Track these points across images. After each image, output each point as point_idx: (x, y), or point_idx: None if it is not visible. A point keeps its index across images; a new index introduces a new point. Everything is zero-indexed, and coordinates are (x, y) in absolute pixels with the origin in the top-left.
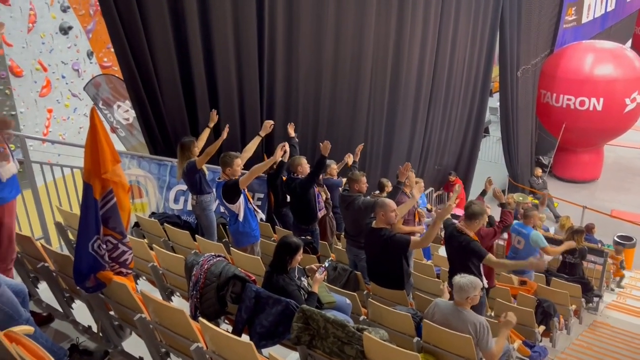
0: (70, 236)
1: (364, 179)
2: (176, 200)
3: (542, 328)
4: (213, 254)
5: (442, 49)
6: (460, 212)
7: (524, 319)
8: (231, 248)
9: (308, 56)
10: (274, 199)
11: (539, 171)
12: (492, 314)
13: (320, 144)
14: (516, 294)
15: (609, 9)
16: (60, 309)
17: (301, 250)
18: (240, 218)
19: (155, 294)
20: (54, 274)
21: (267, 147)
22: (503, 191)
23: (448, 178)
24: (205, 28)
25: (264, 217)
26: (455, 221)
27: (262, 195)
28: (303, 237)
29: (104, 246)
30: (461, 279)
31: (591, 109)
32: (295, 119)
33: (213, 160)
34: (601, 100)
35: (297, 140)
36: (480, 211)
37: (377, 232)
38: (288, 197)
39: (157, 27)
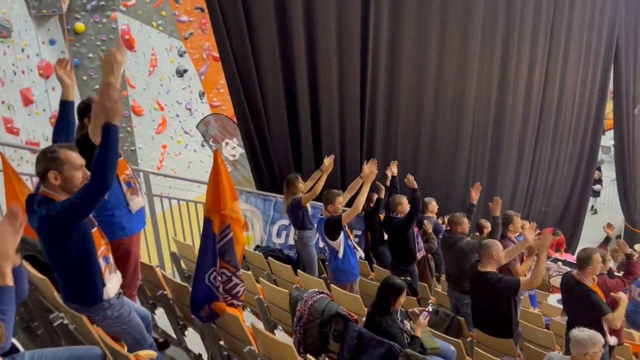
0: (183, 265)
1: (466, 220)
2: (279, 235)
3: None
4: (317, 290)
5: (549, 87)
6: (570, 257)
7: None
8: (331, 285)
9: (408, 96)
10: (371, 237)
11: None
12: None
13: (405, 180)
14: (638, 352)
15: None
16: (174, 336)
17: (405, 292)
18: (340, 255)
19: (259, 326)
20: (171, 301)
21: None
22: (619, 237)
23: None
24: (311, 70)
25: (362, 254)
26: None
27: (359, 232)
28: (403, 278)
29: (220, 278)
30: (580, 332)
31: None
32: (394, 157)
33: (315, 197)
34: None
35: (398, 179)
36: (585, 256)
37: (484, 276)
38: (386, 235)
39: (267, 69)
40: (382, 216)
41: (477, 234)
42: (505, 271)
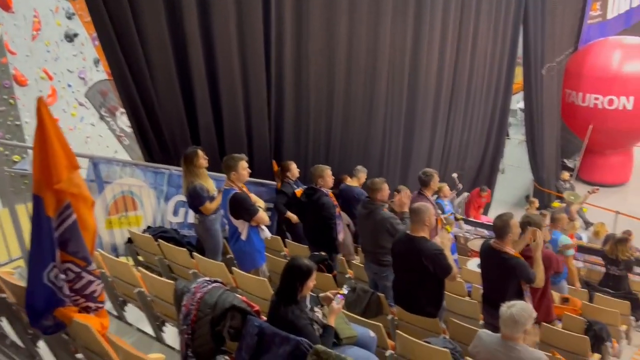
0: None
1: (386, 187)
2: (175, 213)
3: (597, 357)
4: (208, 279)
5: (462, 48)
6: (486, 219)
7: (575, 346)
8: (233, 269)
9: (319, 55)
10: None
11: (566, 175)
12: (538, 340)
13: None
14: (561, 315)
15: (633, 5)
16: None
17: (314, 275)
18: (243, 237)
19: (145, 324)
20: (14, 307)
21: (277, 152)
22: (527, 197)
23: (479, 192)
24: (206, 24)
25: (269, 235)
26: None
27: (270, 205)
28: (316, 253)
29: (63, 276)
30: (511, 309)
31: (621, 108)
32: (307, 122)
33: (216, 166)
34: (631, 98)
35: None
36: (502, 224)
37: (414, 242)
38: None
39: (150, 21)
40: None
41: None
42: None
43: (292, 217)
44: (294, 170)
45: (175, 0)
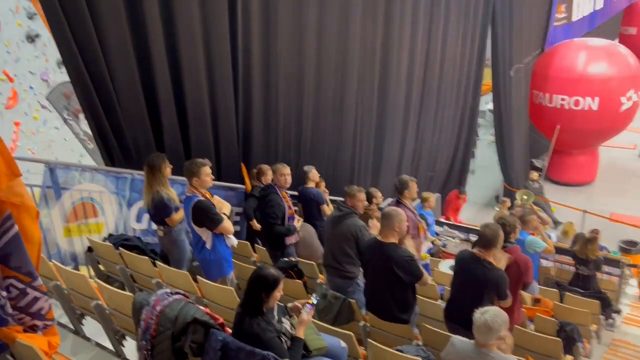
0: None
1: (362, 197)
2: (139, 219)
3: (569, 358)
4: (168, 290)
5: (432, 49)
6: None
7: (547, 349)
8: (198, 277)
9: (288, 58)
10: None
11: (535, 175)
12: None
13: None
14: (532, 316)
15: (597, 7)
16: None
17: (281, 285)
18: (208, 245)
19: (104, 339)
20: None
21: (245, 155)
22: (497, 197)
23: (457, 194)
24: (169, 22)
25: (235, 243)
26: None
27: (239, 210)
28: (285, 259)
29: (4, 293)
30: (484, 315)
31: (586, 108)
32: (276, 126)
33: (181, 171)
34: (596, 99)
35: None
36: (492, 235)
37: (384, 248)
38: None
39: (110, 20)
40: None
41: (367, 203)
42: None
43: (255, 225)
44: (269, 176)
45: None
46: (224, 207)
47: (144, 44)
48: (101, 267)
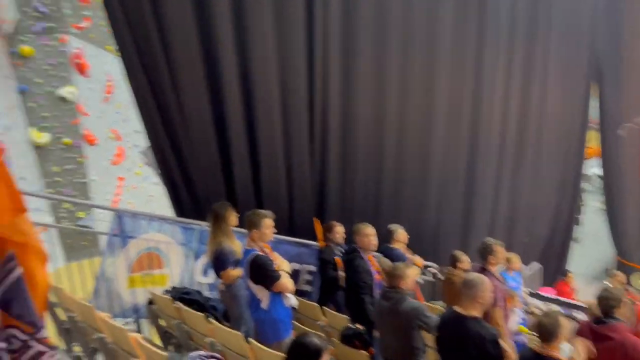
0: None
1: (413, 272)
2: (205, 273)
3: None
4: (202, 353)
5: (528, 105)
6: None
7: None
8: (251, 340)
9: (368, 106)
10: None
11: None
12: None
13: None
14: None
15: None
16: None
17: (325, 357)
18: (264, 305)
19: None
20: None
21: (320, 211)
22: (607, 270)
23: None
24: (245, 72)
25: (295, 303)
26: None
27: (312, 268)
28: (351, 326)
29: (3, 345)
30: None
31: None
32: (353, 179)
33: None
34: None
35: None
36: (552, 324)
37: (464, 323)
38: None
39: (186, 71)
40: None
41: (450, 267)
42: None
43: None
44: (338, 232)
45: (213, 50)
46: (283, 264)
47: (219, 97)
48: (161, 321)
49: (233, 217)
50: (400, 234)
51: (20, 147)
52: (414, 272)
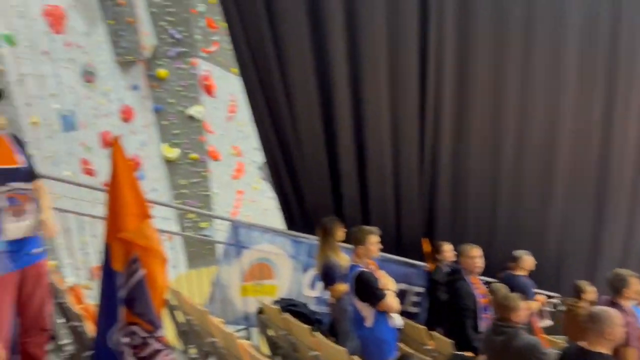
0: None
1: (525, 305)
2: (312, 286)
3: None
4: None
5: None
6: None
7: None
8: (354, 357)
9: (484, 121)
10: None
11: None
12: None
13: None
14: None
15: None
16: None
17: None
18: (368, 323)
19: None
20: None
21: (429, 230)
22: None
23: None
24: (356, 88)
25: (400, 324)
26: None
27: (420, 290)
28: (459, 353)
29: (126, 339)
30: None
31: None
32: (466, 199)
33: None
34: None
35: None
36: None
37: (591, 358)
38: None
39: (300, 90)
40: None
41: (574, 298)
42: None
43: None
44: (446, 250)
45: (326, 71)
46: (389, 282)
47: (330, 117)
48: (269, 331)
49: (340, 232)
50: (526, 261)
51: (154, 161)
52: (533, 306)
